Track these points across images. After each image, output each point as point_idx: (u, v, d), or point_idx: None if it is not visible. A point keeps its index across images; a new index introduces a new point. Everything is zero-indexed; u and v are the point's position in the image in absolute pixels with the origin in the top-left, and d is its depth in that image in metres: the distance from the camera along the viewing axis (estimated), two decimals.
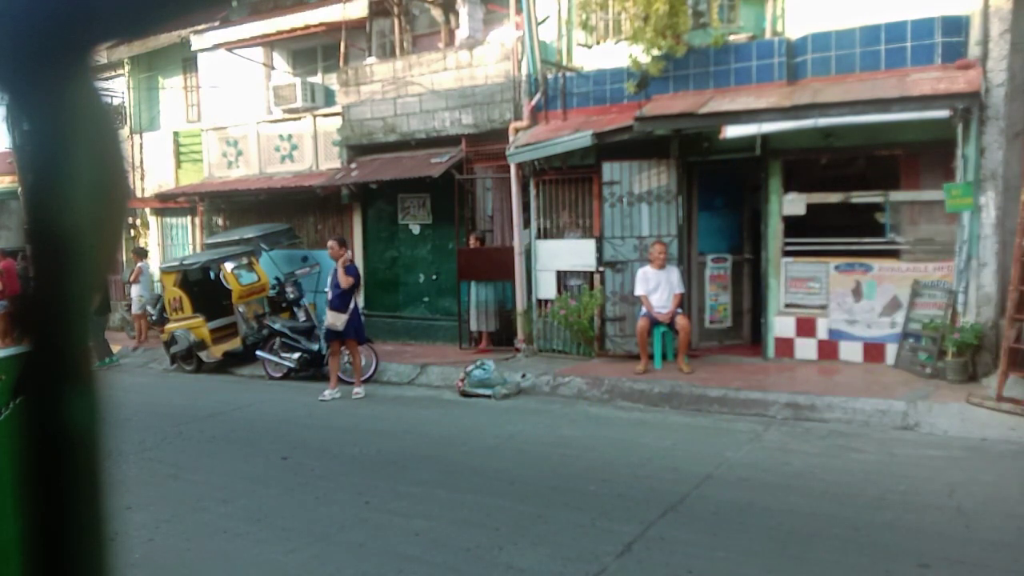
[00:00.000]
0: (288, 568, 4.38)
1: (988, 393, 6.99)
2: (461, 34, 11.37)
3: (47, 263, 0.59)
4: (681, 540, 4.47)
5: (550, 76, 10.32)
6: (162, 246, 16.21)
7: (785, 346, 9.06)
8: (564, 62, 10.42)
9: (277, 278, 11.48)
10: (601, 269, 9.76)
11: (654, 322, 8.86)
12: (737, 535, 4.51)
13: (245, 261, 11.84)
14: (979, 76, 7.61)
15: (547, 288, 10.30)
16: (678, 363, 8.70)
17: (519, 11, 10.23)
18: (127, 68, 16.04)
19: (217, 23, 13.88)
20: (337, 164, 12.64)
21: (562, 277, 10.23)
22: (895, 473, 5.52)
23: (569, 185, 10.25)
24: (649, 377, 8.49)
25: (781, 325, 9.07)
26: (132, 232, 15.86)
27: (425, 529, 4.79)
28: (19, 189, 0.63)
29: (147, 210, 16.04)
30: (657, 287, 8.88)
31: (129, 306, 13.89)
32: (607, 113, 9.79)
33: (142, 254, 13.95)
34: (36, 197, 0.59)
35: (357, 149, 12.43)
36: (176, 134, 15.74)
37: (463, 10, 11.28)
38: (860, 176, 9.17)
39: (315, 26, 12.72)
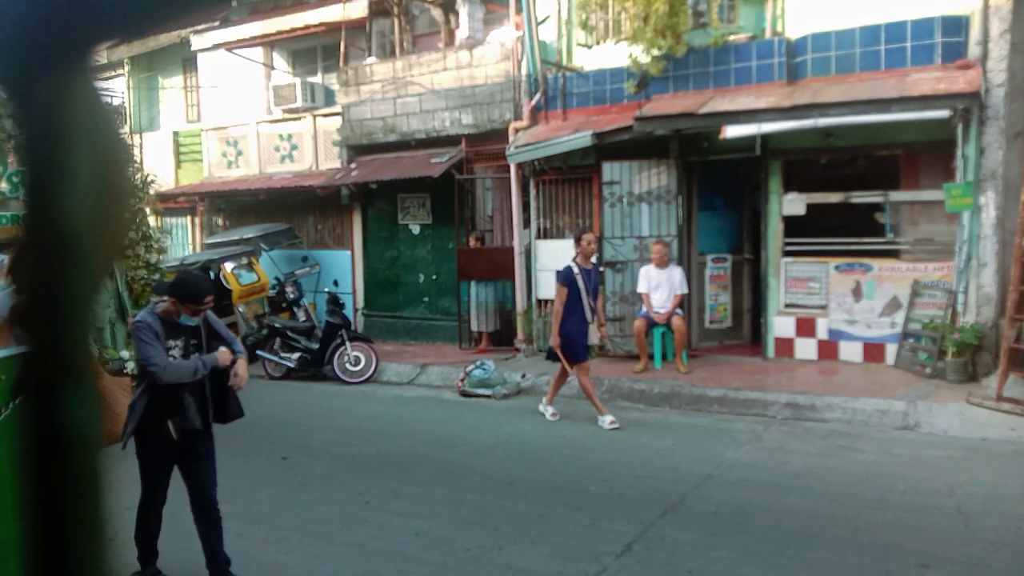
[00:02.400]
0: (288, 568, 4.38)
1: (988, 393, 6.98)
2: (461, 34, 11.36)
3: (47, 263, 0.59)
4: (681, 540, 4.47)
5: (550, 76, 10.32)
6: None
7: (785, 346, 9.05)
8: (564, 62, 10.42)
9: (277, 278, 11.49)
10: (601, 269, 9.75)
11: (652, 322, 8.87)
12: (737, 535, 4.52)
13: (245, 261, 11.82)
14: (979, 76, 7.61)
15: (547, 288, 10.29)
16: (676, 363, 8.71)
17: (519, 11, 10.23)
18: (127, 68, 16.03)
19: (217, 23, 13.87)
20: (337, 164, 12.64)
21: None
22: (895, 473, 5.52)
23: (569, 185, 10.25)
24: (649, 377, 8.49)
25: (781, 325, 9.07)
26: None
27: (425, 529, 4.79)
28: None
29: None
30: (658, 286, 8.90)
31: None
32: (607, 113, 9.79)
33: None
34: (36, 197, 0.59)
35: (357, 149, 12.43)
36: (176, 134, 15.73)
37: (463, 10, 11.28)
38: (860, 176, 9.17)
39: (315, 26, 12.71)
